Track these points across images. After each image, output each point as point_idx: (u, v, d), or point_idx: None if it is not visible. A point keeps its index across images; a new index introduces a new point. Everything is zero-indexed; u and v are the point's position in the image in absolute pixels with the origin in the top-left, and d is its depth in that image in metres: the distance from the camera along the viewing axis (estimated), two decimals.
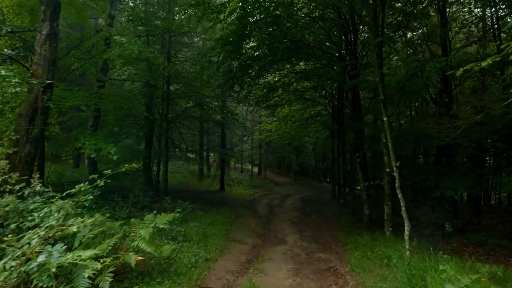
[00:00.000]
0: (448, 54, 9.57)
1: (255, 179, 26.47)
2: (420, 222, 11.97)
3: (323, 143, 26.48)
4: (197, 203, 12.95)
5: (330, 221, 11.66)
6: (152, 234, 4.33)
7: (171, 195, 13.46)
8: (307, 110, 19.61)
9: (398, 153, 10.78)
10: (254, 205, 15.02)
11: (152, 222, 4.62)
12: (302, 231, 9.76)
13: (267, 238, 8.69)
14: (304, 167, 36.35)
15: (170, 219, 4.63)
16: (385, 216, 7.56)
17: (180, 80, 13.38)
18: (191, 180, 22.57)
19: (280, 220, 11.54)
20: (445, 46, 9.43)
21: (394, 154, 5.84)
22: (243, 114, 26.33)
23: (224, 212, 11.72)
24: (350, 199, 17.42)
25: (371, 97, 12.15)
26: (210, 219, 9.76)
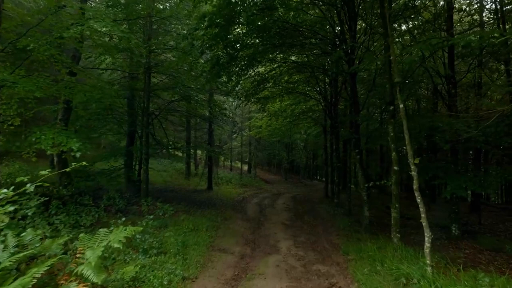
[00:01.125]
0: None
1: (245, 178, 25.35)
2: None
3: (314, 140, 25.59)
4: (181, 204, 11.79)
5: (325, 224, 10.64)
6: (100, 257, 3.16)
7: (153, 196, 12.27)
8: (299, 105, 18.58)
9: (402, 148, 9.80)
10: (243, 206, 13.91)
11: (105, 238, 3.45)
12: (296, 235, 8.71)
13: (258, 246, 7.59)
14: (295, 165, 35.43)
15: (130, 234, 3.47)
16: (392, 220, 6.55)
17: (162, 70, 12.13)
18: (178, 179, 21.32)
19: (272, 222, 10.47)
20: (450, 26, 8.45)
21: (412, 148, 4.82)
22: (232, 109, 25.15)
23: (210, 214, 10.58)
24: (345, 198, 16.50)
25: (369, 89, 11.17)
26: (193, 224, 8.61)
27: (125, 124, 14.07)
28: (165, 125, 17.50)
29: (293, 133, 27.05)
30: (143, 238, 5.69)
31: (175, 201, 12.43)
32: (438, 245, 8.04)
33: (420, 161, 5.34)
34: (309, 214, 12.65)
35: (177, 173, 23.18)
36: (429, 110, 12.22)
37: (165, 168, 24.07)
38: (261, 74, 13.02)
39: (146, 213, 9.01)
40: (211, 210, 11.44)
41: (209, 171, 18.28)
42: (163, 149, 14.67)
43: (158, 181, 19.16)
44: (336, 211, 13.45)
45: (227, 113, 15.14)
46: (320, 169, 41.00)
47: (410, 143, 4.75)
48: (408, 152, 4.75)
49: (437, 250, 7.48)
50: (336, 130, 15.06)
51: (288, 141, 28.61)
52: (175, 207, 11.10)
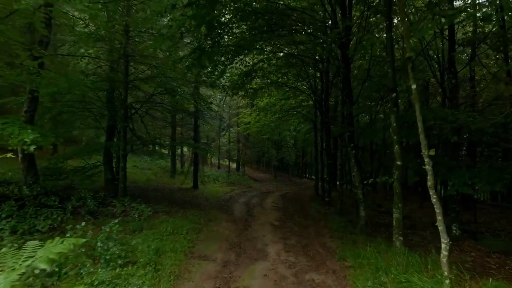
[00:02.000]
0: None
1: (233, 176, 24.46)
2: (423, 224, 10.45)
3: (304, 137, 24.86)
4: (163, 205, 10.86)
5: (317, 224, 9.88)
6: (15, 283, 2.25)
7: (133, 196, 11.30)
8: (288, 101, 17.80)
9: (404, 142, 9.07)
10: (230, 205, 13.04)
11: (32, 254, 2.54)
12: (286, 238, 7.90)
13: (243, 250, 6.74)
14: (284, 163, 34.72)
15: (66, 249, 2.57)
16: (394, 221, 5.80)
17: (139, 59, 11.13)
18: (163, 177, 20.25)
19: (260, 223, 9.64)
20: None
21: (425, 139, 4.04)
22: (220, 104, 24.18)
23: (192, 215, 9.67)
24: (336, 196, 15.83)
25: (363, 80, 10.45)
26: (172, 226, 7.70)
27: (104, 119, 13.03)
28: (148, 121, 16.48)
29: (283, 130, 26.29)
30: (105, 246, 4.76)
31: (156, 201, 11.49)
32: (438, 246, 7.38)
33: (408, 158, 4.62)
34: (300, 213, 11.89)
35: (162, 171, 22.11)
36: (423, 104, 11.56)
37: (149, 166, 22.99)
38: (248, 64, 12.13)
39: (119, 215, 8.05)
40: (195, 211, 10.53)
41: (195, 169, 17.32)
42: (143, 146, 13.59)
43: (142, 179, 18.12)
44: (327, 210, 12.75)
45: (213, 107, 14.17)
46: (310, 167, 40.46)
47: (423, 131, 3.99)
48: (421, 142, 3.97)
49: (439, 253, 6.81)
50: (327, 125, 14.37)
51: (277, 138, 27.84)
52: (154, 208, 10.16)
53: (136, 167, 21.58)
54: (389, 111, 5.69)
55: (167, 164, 23.37)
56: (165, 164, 23.59)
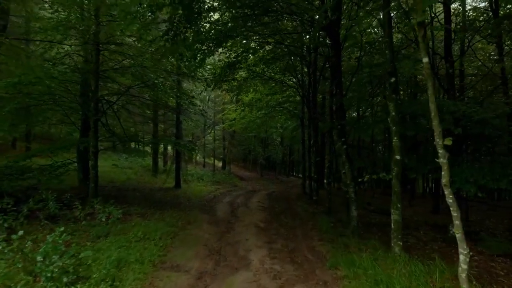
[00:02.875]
0: None
1: (218, 174, 23.56)
2: (415, 223, 9.87)
3: (290, 134, 24.22)
4: (139, 206, 9.95)
5: (305, 225, 9.15)
6: None
7: (108, 196, 10.36)
8: (275, 96, 17.05)
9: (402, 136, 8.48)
10: (213, 205, 12.18)
11: None
12: (271, 241, 7.12)
13: (223, 258, 5.92)
14: (271, 161, 34.01)
15: None
16: (392, 224, 5.10)
17: (114, 47, 10.12)
18: (144, 176, 19.16)
19: (243, 225, 8.83)
20: None
21: (440, 125, 3.31)
22: (205, 101, 23.23)
23: (170, 217, 8.78)
24: (325, 194, 15.18)
25: (353, 72, 9.76)
26: (145, 230, 6.82)
27: (77, 114, 11.95)
28: (126, 116, 15.40)
29: (269, 128, 25.56)
30: (47, 260, 3.83)
31: (133, 202, 10.54)
32: (436, 249, 6.76)
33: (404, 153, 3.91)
34: (286, 213, 11.14)
35: (143, 170, 20.99)
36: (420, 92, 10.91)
37: (130, 165, 21.82)
38: (231, 56, 11.28)
39: (83, 219, 7.09)
40: (173, 212, 9.64)
41: (177, 168, 16.35)
42: (120, 143, 12.54)
43: (121, 179, 17.02)
44: (315, 209, 12.06)
45: (195, 101, 13.23)
46: (297, 165, 39.92)
47: (437, 116, 3.26)
48: (435, 129, 3.25)
49: (439, 255, 6.18)
50: (314, 121, 13.68)
51: (264, 135, 27.07)
52: (129, 209, 9.25)
53: (116, 166, 20.40)
54: (388, 98, 5.00)
55: (149, 163, 22.27)
56: (147, 163, 22.46)
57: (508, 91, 8.63)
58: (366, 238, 7.02)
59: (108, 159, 22.04)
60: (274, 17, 9.45)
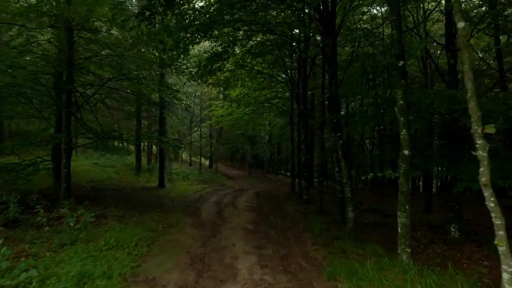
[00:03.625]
0: None
1: (205, 173, 22.72)
2: (413, 224, 9.34)
3: (279, 132, 23.60)
4: (117, 207, 9.10)
5: (296, 226, 8.51)
6: None
7: (85, 197, 9.47)
8: (263, 92, 16.36)
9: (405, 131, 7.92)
10: (198, 206, 11.39)
11: None
12: (260, 246, 6.43)
13: (207, 267, 5.19)
14: (259, 159, 33.35)
15: None
16: (399, 228, 4.48)
17: (89, 34, 9.19)
18: (126, 175, 18.14)
19: (230, 227, 8.11)
20: None
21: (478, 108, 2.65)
22: (191, 97, 22.31)
23: (150, 220, 7.99)
24: (315, 193, 14.61)
25: (346, 65, 9.16)
26: (119, 236, 6.02)
27: (51, 108, 10.92)
28: (105, 111, 14.40)
29: (257, 125, 24.89)
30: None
31: (111, 203, 9.67)
32: (439, 252, 6.23)
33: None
34: (276, 213, 10.49)
35: (126, 169, 19.92)
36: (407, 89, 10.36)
37: (113, 164, 20.71)
38: (217, 48, 10.50)
39: (46, 224, 6.22)
40: (154, 214, 8.83)
41: (161, 166, 15.47)
42: (97, 139, 11.56)
43: (102, 178, 15.98)
44: (306, 209, 11.46)
45: (179, 95, 12.39)
46: (285, 163, 39.42)
47: (475, 96, 2.62)
48: (471, 113, 2.60)
49: (445, 259, 5.63)
50: (304, 117, 13.07)
51: (251, 133, 26.36)
52: (105, 212, 8.40)
53: (97, 165, 19.31)
54: (395, 84, 4.39)
55: (132, 161, 21.21)
56: (130, 161, 21.39)
57: (507, 86, 8.23)
58: (363, 242, 6.43)
59: (90, 158, 20.90)
60: (263, 4, 8.74)
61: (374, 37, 8.66)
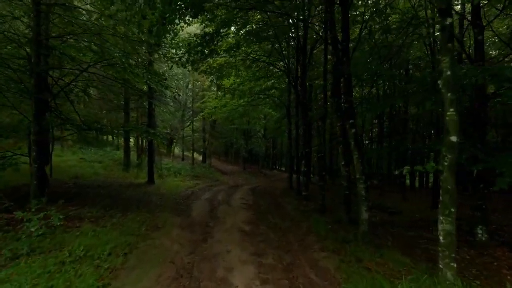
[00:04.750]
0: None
1: (198, 168, 21.60)
2: (424, 222, 8.44)
3: (274, 125, 22.55)
4: (98, 207, 8.01)
5: (298, 227, 7.52)
6: None
7: (63, 195, 8.37)
8: (258, 82, 15.27)
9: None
10: (189, 204, 10.33)
11: None
12: (260, 253, 5.42)
13: (196, 283, 4.16)
14: (253, 154, 32.32)
15: None
16: (441, 236, 3.49)
17: (61, 10, 7.98)
18: (114, 171, 16.95)
19: (224, 229, 7.08)
20: None
21: None
22: (183, 88, 21.08)
23: (132, 221, 6.93)
24: (314, 190, 13.68)
25: (355, 45, 8.09)
26: (90, 243, 4.96)
27: (23, 96, 9.67)
28: (89, 102, 13.19)
29: (252, 119, 23.80)
30: None
31: (92, 202, 8.56)
32: (469, 259, 5.29)
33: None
34: (274, 212, 9.49)
35: (114, 164, 18.72)
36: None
37: (100, 159, 19.47)
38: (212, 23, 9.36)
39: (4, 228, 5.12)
40: (139, 214, 7.76)
41: (150, 161, 14.33)
42: (76, 131, 10.33)
43: (87, 173, 14.79)
44: (306, 206, 10.50)
45: (168, 84, 11.21)
46: (280, 158, 38.49)
47: None
48: None
49: (482, 269, 4.70)
50: (304, 108, 12.05)
51: (246, 127, 25.25)
52: (81, 212, 7.30)
53: (84, 160, 18.08)
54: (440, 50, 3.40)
55: (121, 156, 19.98)
56: (119, 156, 20.15)
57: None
58: (379, 246, 5.47)
59: (77, 153, 19.64)
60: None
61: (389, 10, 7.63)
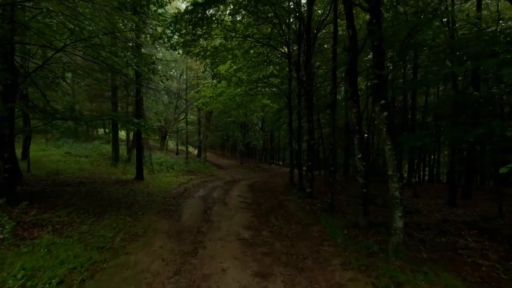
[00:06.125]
0: None
1: (192, 163, 20.23)
2: (448, 224, 7.18)
3: (273, 117, 21.17)
4: (70, 209, 6.69)
5: (308, 233, 6.23)
6: None
7: (31, 195, 7.14)
8: (257, 69, 13.86)
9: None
10: (180, 203, 9.00)
11: None
12: (265, 274, 4.14)
13: None
14: (251, 147, 30.96)
15: None
16: None
17: None
18: (101, 166, 15.54)
19: (219, 237, 5.77)
20: None
21: None
22: (177, 78, 19.59)
23: (107, 228, 5.61)
24: (320, 185, 12.48)
25: None
26: (36, 265, 3.66)
27: None
28: (74, 91, 11.72)
29: (250, 111, 22.40)
30: None
31: (66, 203, 7.23)
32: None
33: None
34: (277, 213, 8.20)
35: (102, 159, 17.29)
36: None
37: (88, 153, 18.02)
38: None
39: None
40: (117, 218, 6.44)
41: (138, 155, 12.94)
42: (47, 122, 8.86)
43: (71, 169, 13.42)
44: (312, 205, 9.23)
45: (154, 67, 9.77)
46: (278, 152, 37.20)
47: None
48: None
49: None
50: (308, 96, 10.73)
51: (243, 119, 23.86)
52: (46, 217, 5.95)
53: (69, 154, 16.69)
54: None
55: (109, 150, 18.56)
56: (108, 150, 18.72)
57: None
58: (415, 261, 4.21)
59: (63, 146, 18.19)
60: None
61: None
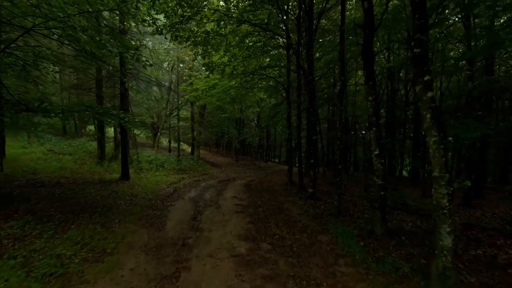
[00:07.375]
0: None
1: (185, 161, 19.00)
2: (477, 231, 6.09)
3: (269, 113, 20.02)
4: (28, 217, 5.51)
5: (317, 244, 5.12)
6: None
7: None
8: (253, 59, 12.70)
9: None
10: (166, 207, 7.83)
11: None
12: None
13: None
14: (246, 145, 29.78)
15: None
16: None
17: None
18: (85, 165, 14.24)
19: (208, 253, 4.62)
20: None
21: None
22: (168, 71, 18.29)
23: (68, 242, 4.45)
24: (322, 185, 11.41)
25: None
26: None
27: None
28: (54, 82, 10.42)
29: (245, 106, 21.23)
30: None
31: (33, 208, 6.05)
32: None
33: None
34: (278, 217, 7.09)
35: (88, 157, 15.99)
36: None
37: (72, 150, 16.70)
38: None
39: None
40: (85, 228, 5.27)
41: (124, 153, 11.72)
42: (11, 114, 7.56)
43: (51, 168, 12.17)
44: (316, 208, 8.14)
45: (139, 53, 8.56)
46: (274, 149, 36.12)
47: None
48: None
49: None
50: (309, 87, 9.62)
51: (238, 115, 22.66)
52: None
53: (51, 152, 15.39)
54: None
55: (95, 147, 17.24)
56: (93, 148, 17.41)
57: None
58: None
59: (46, 144, 16.84)
60: None
61: None
